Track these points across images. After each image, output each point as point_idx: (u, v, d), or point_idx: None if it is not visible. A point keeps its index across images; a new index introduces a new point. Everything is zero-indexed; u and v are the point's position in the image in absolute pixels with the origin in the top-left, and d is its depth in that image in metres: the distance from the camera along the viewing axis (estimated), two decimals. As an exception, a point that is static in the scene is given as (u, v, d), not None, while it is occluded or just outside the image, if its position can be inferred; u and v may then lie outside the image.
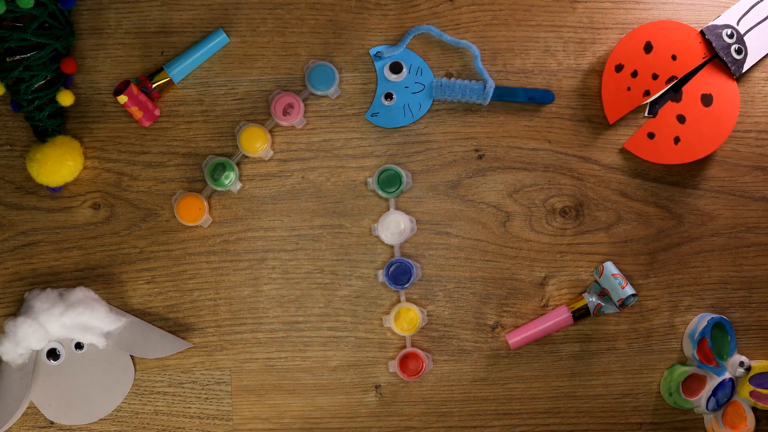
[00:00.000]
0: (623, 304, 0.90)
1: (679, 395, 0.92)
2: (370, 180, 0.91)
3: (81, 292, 0.89)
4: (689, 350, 0.92)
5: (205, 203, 0.90)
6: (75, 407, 0.90)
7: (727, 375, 0.92)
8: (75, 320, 0.87)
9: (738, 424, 0.91)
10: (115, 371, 0.90)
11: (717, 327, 0.92)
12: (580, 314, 0.91)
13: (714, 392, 0.91)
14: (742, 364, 0.91)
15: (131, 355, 0.91)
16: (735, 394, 0.92)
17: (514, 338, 0.91)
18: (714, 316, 0.91)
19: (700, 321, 0.91)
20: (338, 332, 0.92)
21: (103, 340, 0.89)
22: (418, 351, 0.91)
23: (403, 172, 0.90)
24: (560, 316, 0.91)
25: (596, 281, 0.92)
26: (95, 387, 0.90)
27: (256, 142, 0.89)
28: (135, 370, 0.91)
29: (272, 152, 0.91)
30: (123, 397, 0.91)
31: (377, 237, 0.91)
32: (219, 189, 0.90)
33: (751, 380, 0.91)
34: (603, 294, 0.91)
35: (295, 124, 0.90)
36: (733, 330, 0.92)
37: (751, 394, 0.91)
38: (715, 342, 0.92)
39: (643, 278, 0.93)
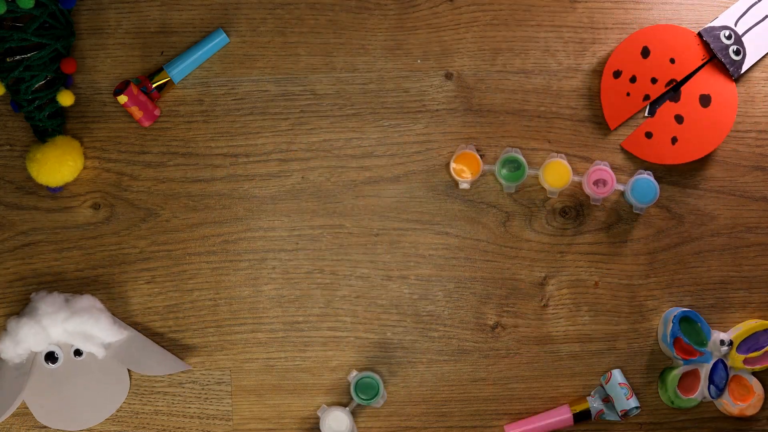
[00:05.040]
0: (626, 414, 0.90)
1: (680, 398, 0.92)
2: (350, 379, 0.90)
3: (87, 301, 0.89)
4: (669, 353, 0.92)
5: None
6: (65, 412, 0.90)
7: (714, 357, 0.92)
8: (77, 327, 0.87)
9: (747, 396, 0.91)
10: (110, 383, 0.90)
11: (684, 321, 0.92)
12: (581, 417, 0.91)
13: (710, 379, 0.91)
14: (723, 342, 0.91)
15: (128, 370, 0.91)
16: (731, 370, 0.92)
17: (513, 430, 0.91)
18: (677, 312, 0.91)
19: (666, 324, 0.91)
20: (338, 332, 0.92)
21: (102, 350, 0.89)
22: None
23: (379, 381, 0.90)
24: (561, 415, 0.91)
25: (602, 386, 0.92)
26: (88, 395, 0.90)
27: (560, 177, 0.90)
28: (130, 385, 0.91)
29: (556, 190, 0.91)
30: (114, 410, 0.90)
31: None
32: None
33: (739, 351, 0.91)
34: (607, 400, 0.91)
35: (599, 200, 0.92)
36: (699, 316, 0.92)
37: (746, 362, 0.91)
38: (689, 334, 0.92)
39: (643, 278, 0.93)
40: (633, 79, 0.92)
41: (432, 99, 0.92)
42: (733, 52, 0.92)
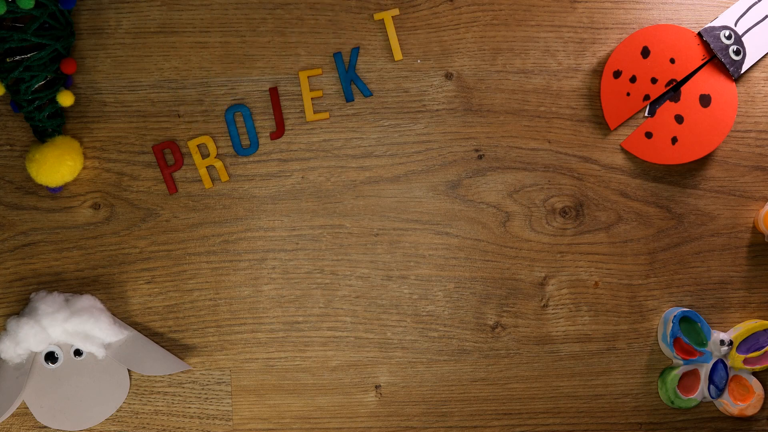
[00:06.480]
0: None
1: (680, 398, 0.92)
2: None
3: (87, 301, 0.89)
4: (669, 353, 0.92)
5: None
6: (65, 413, 0.90)
7: (714, 357, 0.92)
8: (78, 327, 0.87)
9: (747, 396, 0.92)
10: (110, 383, 0.90)
11: (684, 321, 0.92)
12: None
13: (710, 379, 0.91)
14: (723, 342, 0.91)
15: (128, 370, 0.90)
16: (731, 370, 0.92)
17: None
18: (676, 312, 0.91)
19: (666, 324, 0.91)
20: (338, 332, 0.92)
21: (102, 350, 0.89)
22: None
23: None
24: None
25: None
26: (88, 395, 0.90)
27: None
28: (130, 385, 0.91)
29: None
30: (115, 409, 0.90)
31: None
32: None
33: (739, 351, 0.92)
34: None
35: None
36: (699, 316, 0.92)
37: (746, 362, 0.91)
38: (689, 334, 0.92)
39: (643, 278, 0.93)
40: (633, 79, 0.92)
41: (432, 99, 0.92)
42: (733, 52, 0.92)
